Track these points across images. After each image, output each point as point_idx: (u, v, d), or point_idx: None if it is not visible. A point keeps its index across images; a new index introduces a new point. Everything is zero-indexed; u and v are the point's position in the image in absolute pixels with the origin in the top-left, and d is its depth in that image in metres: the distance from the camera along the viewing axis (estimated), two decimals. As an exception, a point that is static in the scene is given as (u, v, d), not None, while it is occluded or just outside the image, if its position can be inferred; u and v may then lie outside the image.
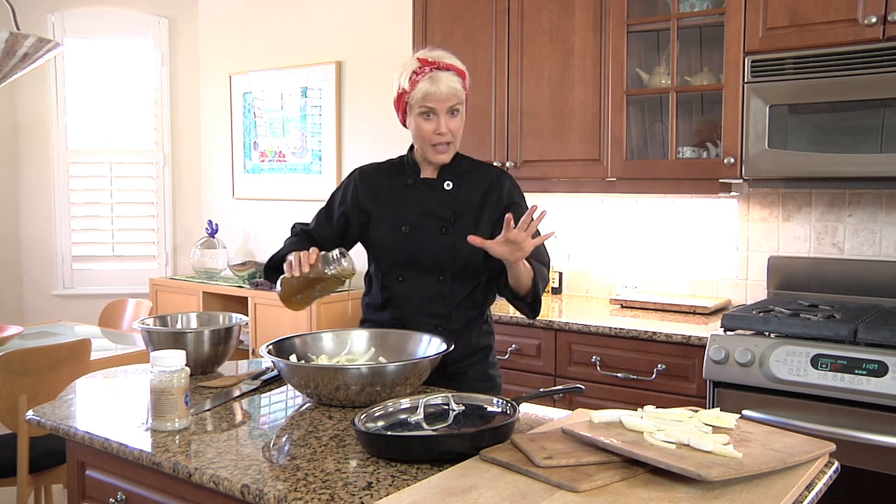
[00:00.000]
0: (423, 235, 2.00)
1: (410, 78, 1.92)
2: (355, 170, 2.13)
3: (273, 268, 2.01)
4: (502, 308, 3.00)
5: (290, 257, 1.82)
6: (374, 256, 2.08)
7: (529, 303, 1.94)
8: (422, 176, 2.05)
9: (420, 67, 1.92)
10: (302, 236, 2.11)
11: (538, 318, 2.32)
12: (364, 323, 2.13)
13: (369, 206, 2.06)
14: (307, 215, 2.24)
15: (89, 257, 4.90)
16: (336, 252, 1.82)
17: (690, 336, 2.57)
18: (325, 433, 1.53)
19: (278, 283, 1.87)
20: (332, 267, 1.81)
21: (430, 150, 1.98)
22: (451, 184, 2.02)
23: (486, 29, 3.28)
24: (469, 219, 2.00)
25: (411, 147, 2.08)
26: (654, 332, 2.64)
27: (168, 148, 4.91)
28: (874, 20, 2.42)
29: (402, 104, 1.97)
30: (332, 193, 2.15)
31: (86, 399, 1.82)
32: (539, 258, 2.02)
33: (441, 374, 1.96)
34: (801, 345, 2.31)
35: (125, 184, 4.88)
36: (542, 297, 1.96)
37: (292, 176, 4.50)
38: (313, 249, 1.82)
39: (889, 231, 2.80)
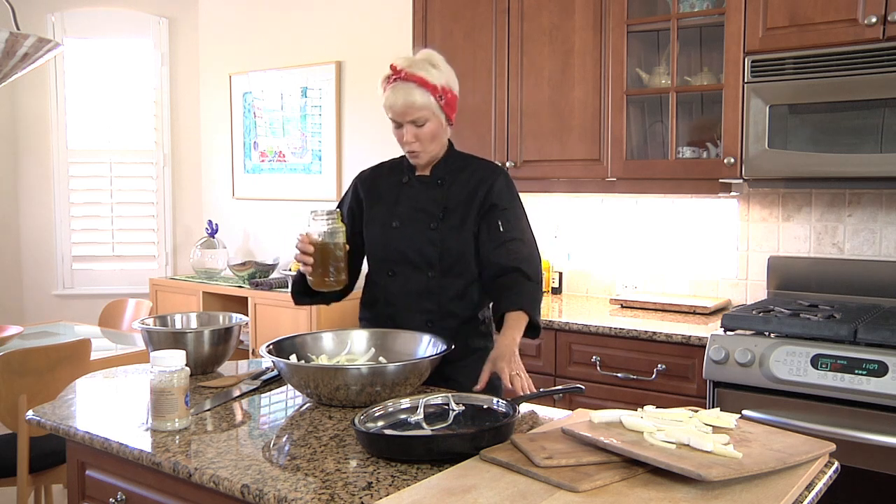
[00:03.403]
0: (412, 231, 2.02)
1: (383, 84, 1.97)
2: (356, 176, 2.18)
3: (299, 291, 2.06)
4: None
5: (296, 258, 1.90)
6: (367, 253, 2.11)
7: (527, 330, 1.91)
8: (417, 174, 2.07)
9: (390, 75, 1.95)
10: None
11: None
12: (360, 321, 2.16)
13: (369, 206, 2.10)
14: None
15: (89, 257, 4.90)
16: (318, 210, 1.87)
17: (690, 336, 2.57)
18: (325, 433, 1.53)
19: (308, 280, 1.92)
20: (323, 224, 1.85)
21: (407, 153, 2.03)
22: (443, 180, 2.04)
23: (486, 29, 3.28)
24: (458, 215, 2.01)
25: None
26: (654, 332, 2.63)
27: (168, 148, 4.91)
28: (874, 20, 2.42)
29: None
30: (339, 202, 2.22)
31: (86, 399, 1.82)
32: (530, 274, 1.96)
33: (437, 376, 1.95)
34: (801, 345, 2.31)
35: (125, 184, 4.88)
36: (541, 317, 1.95)
37: (292, 176, 4.50)
38: (301, 233, 1.88)
39: (889, 231, 2.80)
